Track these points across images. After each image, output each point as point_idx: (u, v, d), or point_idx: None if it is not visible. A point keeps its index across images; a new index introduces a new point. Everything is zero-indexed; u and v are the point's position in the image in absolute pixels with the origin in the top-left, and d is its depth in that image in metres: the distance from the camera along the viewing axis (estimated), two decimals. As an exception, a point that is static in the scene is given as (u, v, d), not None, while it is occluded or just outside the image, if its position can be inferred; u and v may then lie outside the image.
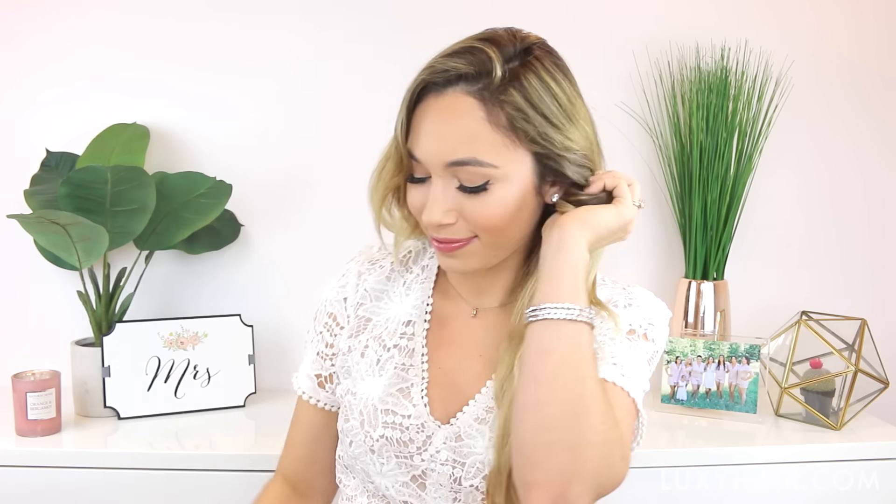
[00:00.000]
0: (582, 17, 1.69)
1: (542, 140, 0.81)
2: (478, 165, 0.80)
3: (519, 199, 0.83)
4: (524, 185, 0.83)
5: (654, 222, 1.75)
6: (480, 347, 0.93)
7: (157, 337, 1.50)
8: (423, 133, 0.83)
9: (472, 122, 0.80)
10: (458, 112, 0.80)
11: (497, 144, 0.80)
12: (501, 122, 0.80)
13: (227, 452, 1.32)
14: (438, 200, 0.83)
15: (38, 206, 1.48)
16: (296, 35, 1.66)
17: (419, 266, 0.99)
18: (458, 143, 0.80)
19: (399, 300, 0.97)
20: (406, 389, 0.91)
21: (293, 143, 1.68)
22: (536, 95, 0.80)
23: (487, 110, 0.79)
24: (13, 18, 1.62)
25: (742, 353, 1.51)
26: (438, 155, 0.81)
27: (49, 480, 1.30)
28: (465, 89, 0.80)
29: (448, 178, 0.82)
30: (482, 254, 0.86)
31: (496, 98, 0.79)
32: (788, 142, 1.72)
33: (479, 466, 0.88)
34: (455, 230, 0.84)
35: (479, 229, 0.84)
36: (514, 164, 0.81)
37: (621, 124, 1.70)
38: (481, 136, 0.80)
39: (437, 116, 0.82)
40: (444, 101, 0.81)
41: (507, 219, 0.83)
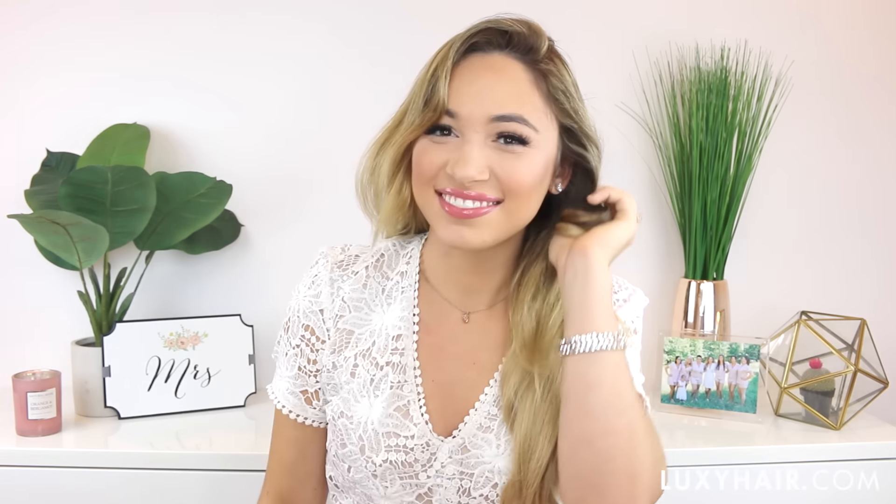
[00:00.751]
0: (582, 17, 1.69)
1: (573, 114, 0.85)
2: (523, 124, 0.81)
3: (542, 171, 0.84)
4: (549, 158, 0.85)
5: (654, 222, 1.75)
6: (473, 354, 0.92)
7: (158, 337, 1.50)
8: (468, 86, 0.83)
9: (520, 83, 0.83)
10: (509, 71, 0.83)
11: (539, 110, 0.83)
12: (543, 89, 0.84)
13: (227, 452, 1.32)
14: (475, 155, 0.81)
15: (38, 206, 1.48)
16: (296, 35, 1.66)
17: (396, 272, 0.95)
18: (507, 98, 0.82)
19: (381, 310, 0.93)
20: (404, 408, 0.89)
21: (293, 143, 1.68)
22: (567, 76, 0.86)
23: (534, 76, 0.83)
24: (13, 19, 1.62)
25: (742, 353, 1.51)
26: (486, 108, 0.81)
27: (49, 480, 1.30)
28: (511, 54, 0.84)
29: (487, 136, 0.82)
30: (497, 225, 0.83)
31: (540, 67, 0.84)
32: (788, 142, 1.72)
33: (489, 475, 0.88)
34: (486, 187, 0.82)
35: (508, 192, 0.82)
36: (548, 134, 0.84)
37: (621, 124, 1.70)
38: (529, 97, 0.83)
39: (484, 71, 0.83)
40: (492, 61, 0.84)
41: (532, 185, 0.83)
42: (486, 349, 0.92)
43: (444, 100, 0.82)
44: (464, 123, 0.82)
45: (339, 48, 1.67)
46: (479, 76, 0.83)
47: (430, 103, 0.82)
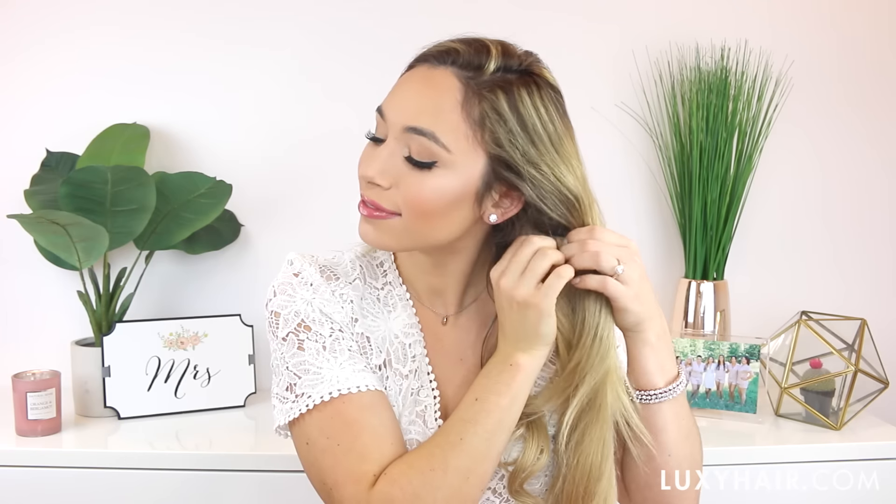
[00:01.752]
0: (582, 18, 1.69)
1: (507, 145, 0.79)
2: (432, 141, 0.79)
3: (456, 196, 0.80)
4: (467, 185, 0.80)
5: (654, 222, 1.75)
6: (458, 353, 0.93)
7: (157, 337, 1.50)
8: (398, 92, 0.83)
9: (445, 99, 0.79)
10: (439, 85, 0.80)
11: (459, 131, 0.79)
12: (473, 114, 0.79)
13: (227, 452, 1.32)
14: (381, 158, 0.81)
15: (38, 206, 1.48)
16: (297, 36, 1.66)
17: (379, 282, 0.93)
18: (423, 111, 0.79)
19: (384, 318, 0.92)
20: (422, 413, 0.90)
21: (293, 143, 1.68)
22: (523, 107, 0.80)
23: (466, 96, 0.79)
24: (13, 19, 1.62)
25: (742, 353, 1.51)
26: (402, 115, 0.80)
27: (49, 480, 1.30)
28: (455, 71, 0.80)
29: (401, 145, 0.81)
30: (398, 235, 0.83)
31: (479, 91, 0.79)
32: (788, 142, 1.72)
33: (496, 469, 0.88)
34: (383, 198, 0.82)
35: (405, 207, 0.81)
36: (466, 159, 0.79)
37: (621, 124, 1.70)
38: (449, 115, 0.79)
39: (417, 81, 0.82)
40: (431, 73, 0.81)
41: (435, 209, 0.80)
42: (470, 347, 0.93)
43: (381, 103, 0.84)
44: (388, 126, 0.82)
45: (339, 49, 1.66)
46: (411, 84, 0.82)
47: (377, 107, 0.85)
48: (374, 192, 0.82)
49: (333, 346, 0.87)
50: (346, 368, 0.85)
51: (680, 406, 0.89)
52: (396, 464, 0.82)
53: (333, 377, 0.84)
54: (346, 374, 0.85)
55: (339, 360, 0.86)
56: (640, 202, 1.74)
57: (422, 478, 0.80)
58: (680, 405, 0.89)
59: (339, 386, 0.84)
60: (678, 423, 0.88)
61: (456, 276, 0.91)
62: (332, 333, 0.87)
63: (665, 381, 0.87)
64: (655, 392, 0.87)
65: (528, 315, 0.81)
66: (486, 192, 0.82)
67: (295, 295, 0.89)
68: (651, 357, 0.86)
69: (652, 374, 0.87)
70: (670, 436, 0.88)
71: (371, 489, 0.81)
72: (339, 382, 0.84)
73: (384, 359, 0.90)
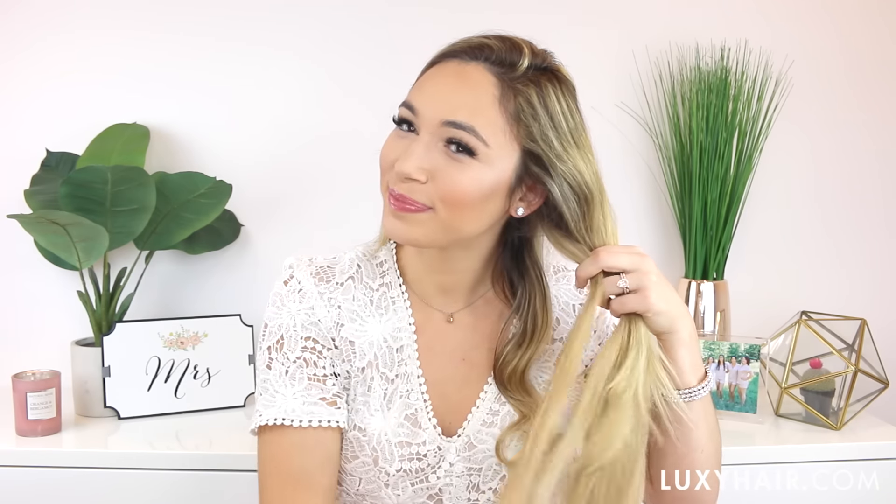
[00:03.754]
0: (582, 18, 1.69)
1: (540, 140, 0.81)
2: (473, 135, 0.79)
3: (490, 189, 0.81)
4: (501, 178, 0.81)
5: (654, 222, 1.75)
6: (461, 351, 0.93)
7: (157, 337, 1.50)
8: (432, 85, 0.83)
9: (483, 95, 0.80)
10: (475, 81, 0.81)
11: (497, 126, 0.80)
12: (510, 108, 0.80)
13: (227, 452, 1.32)
14: (418, 154, 0.80)
15: (38, 206, 1.48)
16: (297, 36, 1.66)
17: (378, 283, 0.93)
18: (463, 105, 0.80)
19: (374, 321, 0.91)
20: (413, 416, 0.90)
21: (293, 143, 1.68)
22: (551, 102, 0.81)
23: (502, 92, 0.80)
24: (13, 19, 1.62)
25: (742, 353, 1.51)
26: (440, 109, 0.80)
27: (49, 480, 1.30)
28: (488, 67, 0.81)
29: (436, 139, 0.81)
30: (429, 228, 0.82)
31: (514, 86, 0.80)
32: (788, 142, 1.72)
33: (497, 468, 0.89)
34: (417, 191, 0.81)
35: (441, 201, 0.81)
36: (503, 153, 0.81)
37: (621, 124, 1.70)
38: (487, 111, 0.80)
39: (452, 77, 0.82)
40: (465, 68, 0.82)
41: (471, 200, 0.81)
42: (475, 346, 0.93)
43: (409, 97, 0.83)
44: (420, 121, 0.81)
45: (338, 49, 1.66)
46: (445, 78, 0.82)
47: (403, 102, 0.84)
48: (408, 187, 0.81)
49: (295, 372, 0.88)
50: (297, 399, 0.88)
51: (708, 403, 0.89)
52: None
53: (284, 405, 0.87)
54: (297, 404, 0.87)
55: (294, 389, 0.88)
56: (640, 202, 1.74)
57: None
58: (708, 402, 0.89)
59: (284, 415, 0.87)
60: (707, 420, 0.88)
61: (466, 273, 0.91)
62: (299, 358, 0.89)
63: (697, 378, 0.86)
64: (690, 391, 0.86)
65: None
66: (517, 186, 0.83)
67: (282, 308, 0.91)
68: (687, 356, 0.85)
69: (687, 372, 0.85)
70: (702, 433, 0.87)
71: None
72: (287, 412, 0.87)
73: (368, 361, 0.90)
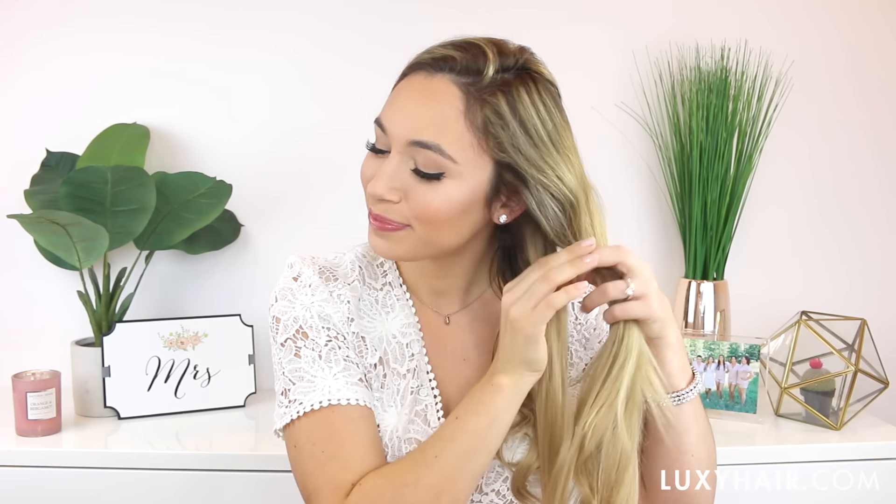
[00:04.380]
0: (582, 18, 1.69)
1: (511, 150, 0.79)
2: (438, 153, 0.78)
3: (465, 203, 0.80)
4: (476, 191, 0.80)
5: (654, 222, 1.75)
6: (461, 353, 0.93)
7: (157, 337, 1.50)
8: (398, 104, 0.82)
9: (448, 110, 0.78)
10: (439, 96, 0.79)
11: (464, 141, 0.78)
12: (476, 121, 0.78)
13: (227, 452, 1.32)
14: (388, 175, 0.80)
15: (38, 206, 1.48)
16: (297, 36, 1.66)
17: (378, 283, 0.94)
18: (427, 124, 0.78)
19: (381, 318, 0.92)
20: (422, 412, 0.90)
21: (293, 143, 1.68)
22: (523, 108, 0.79)
23: (467, 104, 0.78)
24: (13, 19, 1.62)
25: (742, 353, 1.51)
26: (405, 130, 0.79)
27: (49, 480, 1.30)
28: (453, 78, 0.79)
29: (405, 158, 0.80)
30: (411, 245, 0.83)
31: (480, 96, 0.78)
32: (788, 142, 1.72)
33: (499, 470, 0.89)
34: (391, 211, 0.81)
35: (416, 219, 0.81)
36: (473, 167, 0.79)
37: (621, 124, 1.70)
38: (452, 126, 0.78)
39: (417, 93, 0.80)
40: (430, 82, 0.80)
41: (446, 217, 0.80)
42: (474, 347, 0.93)
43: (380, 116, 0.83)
44: (390, 139, 0.81)
45: (339, 48, 1.66)
46: (410, 96, 0.81)
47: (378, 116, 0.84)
48: (383, 207, 0.82)
49: (329, 355, 0.87)
50: (339, 379, 0.86)
51: (698, 405, 0.89)
52: (372, 475, 0.82)
53: (326, 387, 0.85)
54: (339, 385, 0.85)
55: (333, 371, 0.86)
56: (640, 202, 1.74)
57: (393, 492, 0.81)
58: (698, 405, 0.89)
59: (329, 396, 0.85)
60: (698, 423, 0.88)
61: (459, 276, 0.92)
62: (328, 342, 0.87)
63: (685, 381, 0.87)
64: (679, 393, 0.86)
65: (516, 337, 0.80)
66: (495, 196, 0.82)
67: (295, 301, 0.89)
68: (675, 359, 0.85)
69: (675, 375, 0.86)
70: (692, 437, 0.88)
71: (346, 498, 0.81)
72: (331, 393, 0.85)
73: (379, 356, 0.90)
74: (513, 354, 0.80)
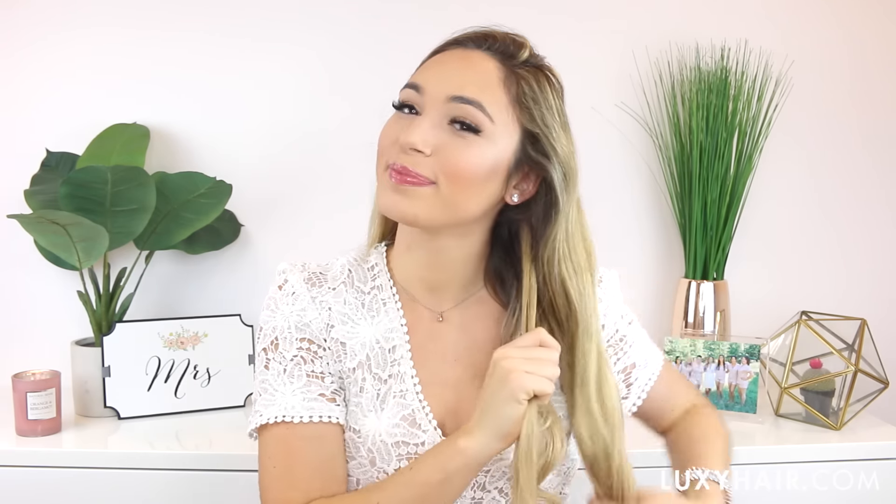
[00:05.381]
0: (582, 18, 1.69)
1: (540, 122, 0.84)
2: (480, 110, 0.82)
3: (492, 167, 0.83)
4: (503, 157, 0.84)
5: (654, 222, 1.75)
6: (453, 352, 0.92)
7: (157, 337, 1.50)
8: (437, 66, 0.86)
9: (488, 76, 0.83)
10: (479, 64, 0.84)
11: (502, 104, 0.83)
12: (512, 90, 0.84)
13: (227, 452, 1.32)
14: (424, 127, 0.82)
15: (38, 206, 1.48)
16: (296, 36, 1.66)
17: (369, 286, 0.93)
18: (470, 82, 0.83)
19: (366, 323, 0.92)
20: (409, 416, 0.89)
21: (293, 143, 1.68)
22: (548, 90, 0.86)
23: (505, 75, 0.84)
24: (13, 19, 1.62)
25: (742, 353, 1.51)
26: (447, 86, 0.83)
27: (49, 480, 1.30)
28: (491, 54, 0.85)
29: (443, 115, 0.83)
30: (431, 204, 0.83)
31: (515, 71, 0.84)
32: (788, 142, 1.72)
33: (504, 469, 0.89)
34: (421, 164, 0.82)
35: (445, 175, 0.82)
36: (506, 131, 0.83)
37: (621, 124, 1.70)
38: (493, 89, 0.83)
39: (457, 59, 0.85)
40: (468, 53, 0.85)
41: (474, 177, 0.82)
42: (467, 347, 0.93)
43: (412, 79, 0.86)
44: (425, 99, 0.83)
45: (338, 49, 1.67)
46: (450, 61, 0.85)
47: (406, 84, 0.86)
48: (412, 160, 0.82)
49: (293, 370, 0.89)
50: (297, 395, 0.88)
51: None
52: (322, 501, 0.85)
53: (284, 402, 0.87)
54: (296, 401, 0.87)
55: (293, 386, 0.88)
56: (640, 202, 1.74)
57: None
58: None
59: (284, 412, 0.87)
60: None
61: (456, 267, 0.91)
62: (294, 357, 0.89)
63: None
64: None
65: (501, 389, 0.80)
66: (515, 171, 0.85)
67: (276, 311, 0.91)
68: None
69: None
70: None
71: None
72: (286, 409, 0.87)
73: (359, 361, 0.90)
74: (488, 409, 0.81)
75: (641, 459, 1.30)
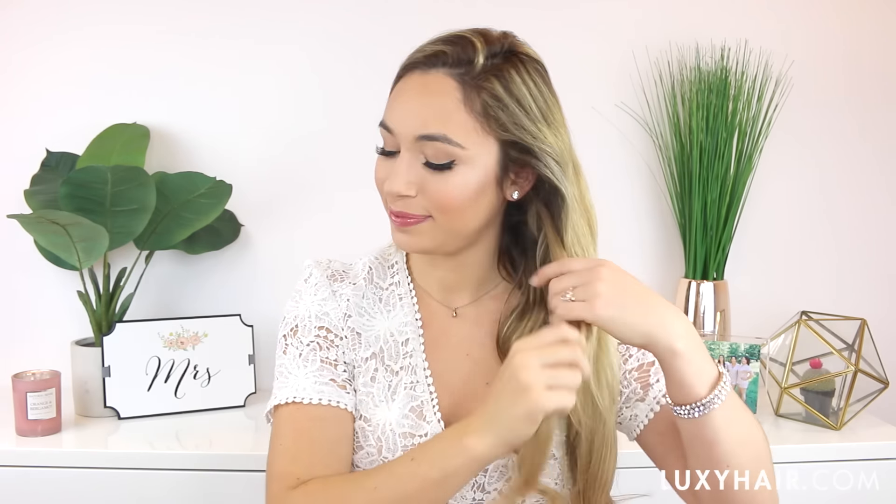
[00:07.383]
0: (582, 18, 1.69)
1: (514, 129, 0.83)
2: (446, 143, 0.82)
3: (479, 186, 0.84)
4: (487, 172, 0.84)
5: (654, 222, 1.75)
6: (465, 347, 0.94)
7: (157, 337, 1.50)
8: (399, 104, 0.85)
9: (447, 101, 0.82)
10: (436, 90, 0.83)
11: (468, 127, 0.82)
12: (476, 107, 0.82)
13: (227, 452, 1.32)
14: (402, 172, 0.84)
15: (38, 206, 1.48)
16: (296, 36, 1.66)
17: (386, 282, 0.97)
18: (430, 118, 0.82)
19: (382, 316, 0.95)
20: (418, 408, 0.91)
21: (293, 143, 1.68)
22: (515, 87, 0.83)
23: (465, 93, 0.82)
24: (13, 18, 1.62)
25: (742, 353, 1.51)
26: (410, 127, 0.83)
27: (49, 480, 1.30)
28: (447, 71, 0.83)
29: (415, 153, 0.84)
30: (434, 235, 0.86)
31: (475, 83, 0.82)
32: (788, 142, 1.72)
33: (503, 470, 0.90)
34: (412, 205, 0.85)
35: (436, 209, 0.84)
36: (481, 150, 0.83)
37: (621, 124, 1.70)
38: (454, 115, 0.82)
39: (415, 91, 0.84)
40: (426, 79, 0.84)
41: (464, 202, 0.84)
42: (479, 342, 0.94)
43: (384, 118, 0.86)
44: (398, 140, 0.85)
45: (338, 49, 1.67)
46: (410, 95, 0.85)
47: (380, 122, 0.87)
48: (402, 203, 0.85)
49: (308, 355, 0.92)
50: (309, 378, 0.91)
51: (730, 409, 0.81)
52: (319, 479, 0.85)
53: (296, 384, 0.90)
54: (308, 384, 0.90)
55: (307, 370, 0.91)
56: (640, 202, 1.74)
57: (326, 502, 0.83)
58: (730, 408, 0.81)
59: (296, 393, 0.90)
60: (730, 430, 0.81)
61: (473, 268, 0.94)
62: (311, 343, 0.92)
63: (707, 386, 0.80)
64: (699, 403, 0.80)
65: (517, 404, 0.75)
66: (505, 175, 0.86)
67: (300, 301, 0.95)
68: (684, 366, 0.79)
69: (690, 385, 0.80)
70: (725, 447, 0.82)
71: (291, 491, 0.84)
72: (298, 391, 0.90)
73: (372, 352, 0.93)
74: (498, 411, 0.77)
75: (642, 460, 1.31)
